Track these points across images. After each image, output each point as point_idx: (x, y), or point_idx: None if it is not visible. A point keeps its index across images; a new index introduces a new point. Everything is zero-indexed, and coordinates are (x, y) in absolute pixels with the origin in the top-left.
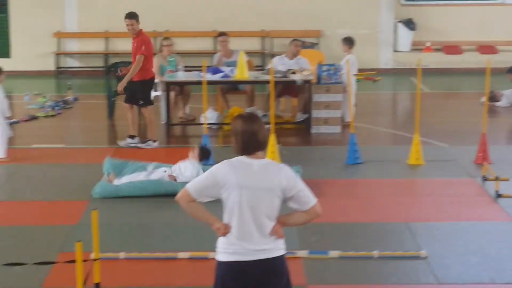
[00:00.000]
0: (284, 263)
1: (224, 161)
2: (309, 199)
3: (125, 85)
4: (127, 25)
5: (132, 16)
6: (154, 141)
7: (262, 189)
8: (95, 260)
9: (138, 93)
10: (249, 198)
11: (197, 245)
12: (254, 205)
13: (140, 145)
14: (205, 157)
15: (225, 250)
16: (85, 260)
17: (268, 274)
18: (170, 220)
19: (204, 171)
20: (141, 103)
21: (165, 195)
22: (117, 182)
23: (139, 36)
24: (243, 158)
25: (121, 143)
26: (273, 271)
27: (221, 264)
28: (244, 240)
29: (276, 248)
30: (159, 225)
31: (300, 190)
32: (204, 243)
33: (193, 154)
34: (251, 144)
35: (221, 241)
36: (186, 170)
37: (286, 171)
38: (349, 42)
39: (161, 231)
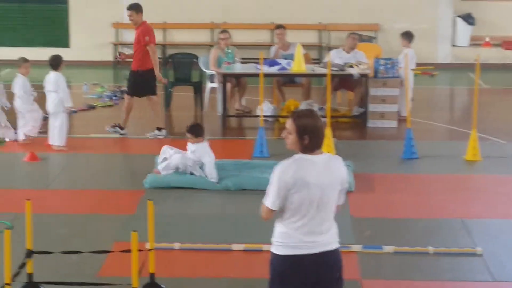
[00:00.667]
0: (340, 256)
1: (287, 162)
2: (344, 196)
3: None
4: (128, 15)
5: (131, 7)
6: (122, 128)
7: (327, 185)
8: (150, 250)
9: (138, 83)
10: (314, 195)
11: (251, 237)
12: (319, 200)
13: (109, 129)
14: (201, 132)
15: (284, 244)
16: (140, 250)
17: (325, 267)
18: (225, 211)
19: None
20: (127, 91)
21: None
22: (162, 171)
23: (141, 26)
24: (304, 156)
25: (149, 134)
26: (330, 264)
27: (279, 257)
28: (304, 234)
29: (332, 241)
30: (214, 217)
31: (345, 187)
32: (258, 235)
33: (193, 138)
34: (318, 142)
35: (279, 235)
36: (202, 156)
37: (342, 164)
38: (408, 36)
39: (216, 222)
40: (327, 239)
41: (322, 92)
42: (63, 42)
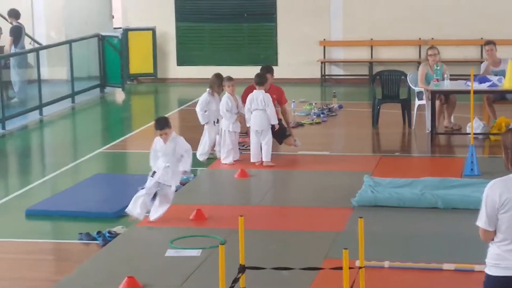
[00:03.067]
0: None
1: (496, 180)
2: None
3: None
4: (268, 78)
5: (269, 70)
6: None
7: None
8: (360, 268)
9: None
10: None
11: (463, 256)
12: None
13: None
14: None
15: (497, 265)
16: (350, 268)
17: None
18: (435, 230)
19: None
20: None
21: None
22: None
23: (275, 88)
24: None
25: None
26: None
27: (493, 278)
28: None
29: None
30: (423, 235)
31: None
32: (470, 255)
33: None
34: None
35: (492, 256)
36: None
37: None
38: None
39: (425, 241)
40: None
41: None
42: (271, 60)
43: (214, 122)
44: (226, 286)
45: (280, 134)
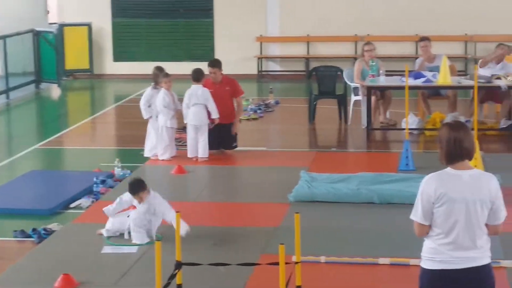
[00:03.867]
0: (491, 272)
1: (431, 175)
2: (502, 215)
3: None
4: (210, 72)
5: (215, 64)
6: None
7: (474, 201)
8: (296, 263)
9: (233, 136)
10: (461, 211)
11: (398, 251)
12: (467, 217)
13: None
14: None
15: (433, 258)
16: (287, 263)
17: (476, 282)
18: (370, 225)
19: None
20: (235, 145)
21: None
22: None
23: (229, 80)
24: (450, 170)
25: None
26: (481, 279)
27: (428, 272)
28: (453, 250)
29: (483, 256)
30: (360, 230)
31: (500, 204)
32: (405, 250)
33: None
34: (455, 152)
35: (427, 250)
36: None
37: (495, 181)
38: None
39: (362, 236)
40: (477, 255)
41: (468, 105)
42: (208, 56)
43: (156, 117)
44: (163, 282)
45: (228, 141)
